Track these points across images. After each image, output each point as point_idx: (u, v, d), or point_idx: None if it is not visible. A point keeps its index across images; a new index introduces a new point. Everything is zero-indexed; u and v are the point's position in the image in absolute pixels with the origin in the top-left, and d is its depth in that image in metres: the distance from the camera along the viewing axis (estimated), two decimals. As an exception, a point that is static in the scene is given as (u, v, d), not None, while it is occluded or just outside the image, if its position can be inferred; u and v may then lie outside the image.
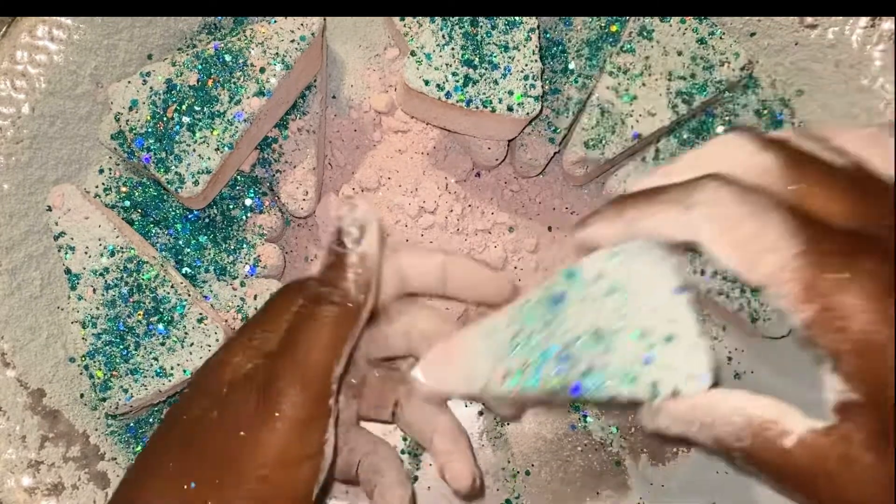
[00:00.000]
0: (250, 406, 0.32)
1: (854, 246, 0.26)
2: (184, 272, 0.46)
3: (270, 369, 0.33)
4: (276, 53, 0.44)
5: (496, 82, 0.43)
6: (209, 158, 0.43)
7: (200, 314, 0.44)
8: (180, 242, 0.47)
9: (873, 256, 0.26)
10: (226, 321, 0.46)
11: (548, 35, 0.49)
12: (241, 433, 0.31)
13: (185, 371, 0.43)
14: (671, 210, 0.29)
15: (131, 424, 0.48)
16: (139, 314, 0.44)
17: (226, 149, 0.43)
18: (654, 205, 0.30)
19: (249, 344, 0.34)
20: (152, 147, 0.43)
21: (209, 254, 0.47)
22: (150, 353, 0.43)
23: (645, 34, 0.48)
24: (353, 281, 0.34)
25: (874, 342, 0.25)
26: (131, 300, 0.44)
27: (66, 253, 0.44)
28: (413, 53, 0.43)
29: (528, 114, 0.43)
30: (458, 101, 0.43)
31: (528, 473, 0.50)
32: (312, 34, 0.44)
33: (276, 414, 0.31)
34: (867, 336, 0.25)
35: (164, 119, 0.43)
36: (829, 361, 0.26)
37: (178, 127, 0.43)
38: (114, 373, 0.43)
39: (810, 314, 0.26)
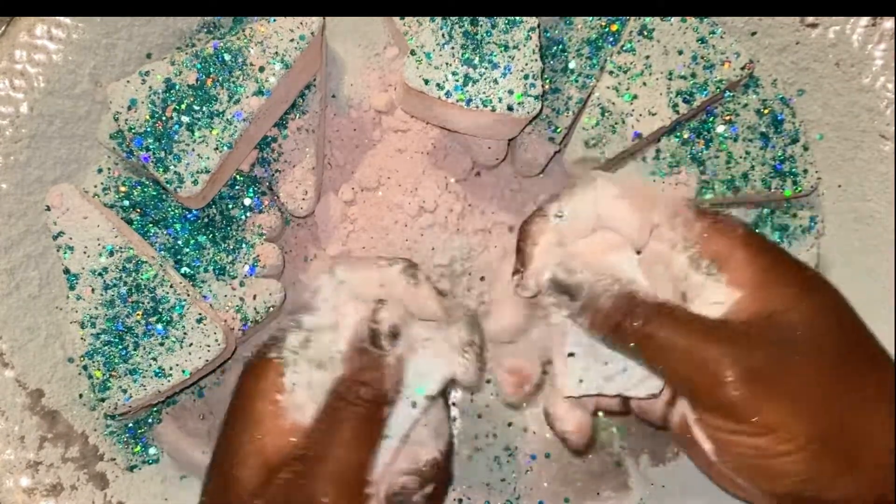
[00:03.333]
0: None
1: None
2: (183, 272, 0.46)
3: (308, 474, 0.35)
4: (276, 52, 0.44)
5: (496, 81, 0.43)
6: (208, 158, 0.43)
7: (199, 314, 0.43)
8: (179, 242, 0.46)
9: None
10: (225, 321, 0.46)
11: (548, 34, 0.48)
12: None
13: (184, 371, 0.43)
14: (580, 187, 0.39)
15: (130, 425, 0.48)
16: (138, 314, 0.43)
17: (225, 148, 0.43)
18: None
19: (263, 445, 0.36)
20: (151, 146, 0.43)
21: (208, 253, 0.47)
22: (149, 353, 0.43)
23: (645, 33, 0.48)
24: (388, 380, 0.37)
25: (753, 240, 0.36)
26: (130, 300, 0.44)
27: (65, 252, 0.44)
28: (413, 52, 0.43)
29: (528, 113, 0.43)
30: (457, 101, 0.43)
31: (527, 473, 0.49)
32: (312, 33, 0.44)
33: None
34: (748, 236, 0.36)
35: (163, 118, 0.43)
36: (714, 271, 0.36)
37: (177, 126, 0.43)
38: (112, 373, 0.43)
39: (703, 226, 0.36)
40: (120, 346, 0.43)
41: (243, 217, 0.47)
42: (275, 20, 0.44)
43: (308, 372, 0.37)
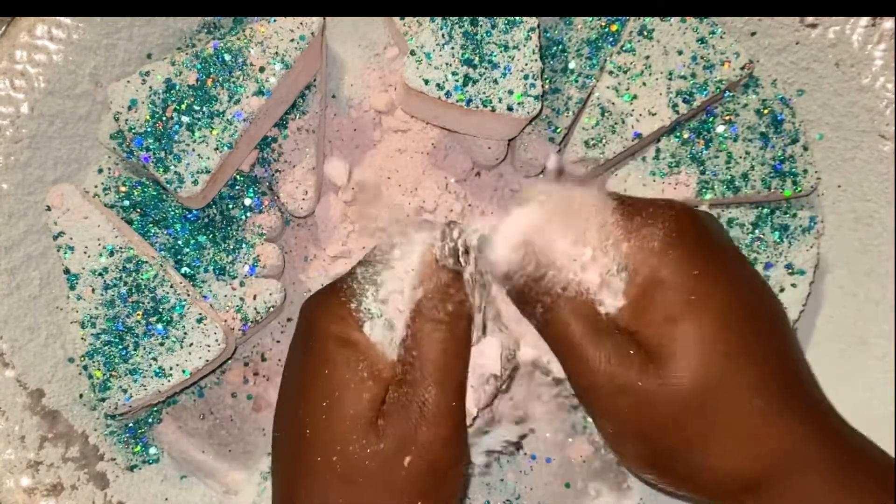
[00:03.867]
0: (411, 430, 0.36)
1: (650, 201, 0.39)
2: (183, 272, 0.46)
3: (413, 398, 0.36)
4: (276, 53, 0.44)
5: (496, 82, 0.43)
6: (208, 158, 0.43)
7: (200, 314, 0.44)
8: (179, 242, 0.47)
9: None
10: (225, 321, 0.46)
11: (548, 34, 0.48)
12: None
13: (184, 371, 0.43)
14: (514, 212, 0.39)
15: (130, 425, 0.48)
16: (138, 314, 0.43)
17: (225, 148, 0.43)
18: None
19: (362, 375, 0.37)
20: (151, 146, 0.43)
21: (208, 253, 0.47)
22: (150, 353, 0.43)
23: (645, 34, 0.48)
24: (469, 293, 0.38)
25: (665, 259, 0.36)
26: (130, 300, 0.44)
27: (65, 253, 0.44)
28: (413, 53, 0.43)
29: (528, 113, 0.43)
30: (457, 101, 0.43)
31: (527, 474, 0.49)
32: (312, 33, 0.44)
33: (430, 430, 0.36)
34: (663, 250, 0.36)
35: (164, 118, 0.43)
36: (623, 275, 0.37)
37: (177, 126, 0.43)
38: (113, 373, 0.43)
39: (629, 245, 0.37)
40: (120, 346, 0.43)
41: (243, 217, 0.47)
42: (275, 20, 0.44)
43: (381, 330, 0.38)
